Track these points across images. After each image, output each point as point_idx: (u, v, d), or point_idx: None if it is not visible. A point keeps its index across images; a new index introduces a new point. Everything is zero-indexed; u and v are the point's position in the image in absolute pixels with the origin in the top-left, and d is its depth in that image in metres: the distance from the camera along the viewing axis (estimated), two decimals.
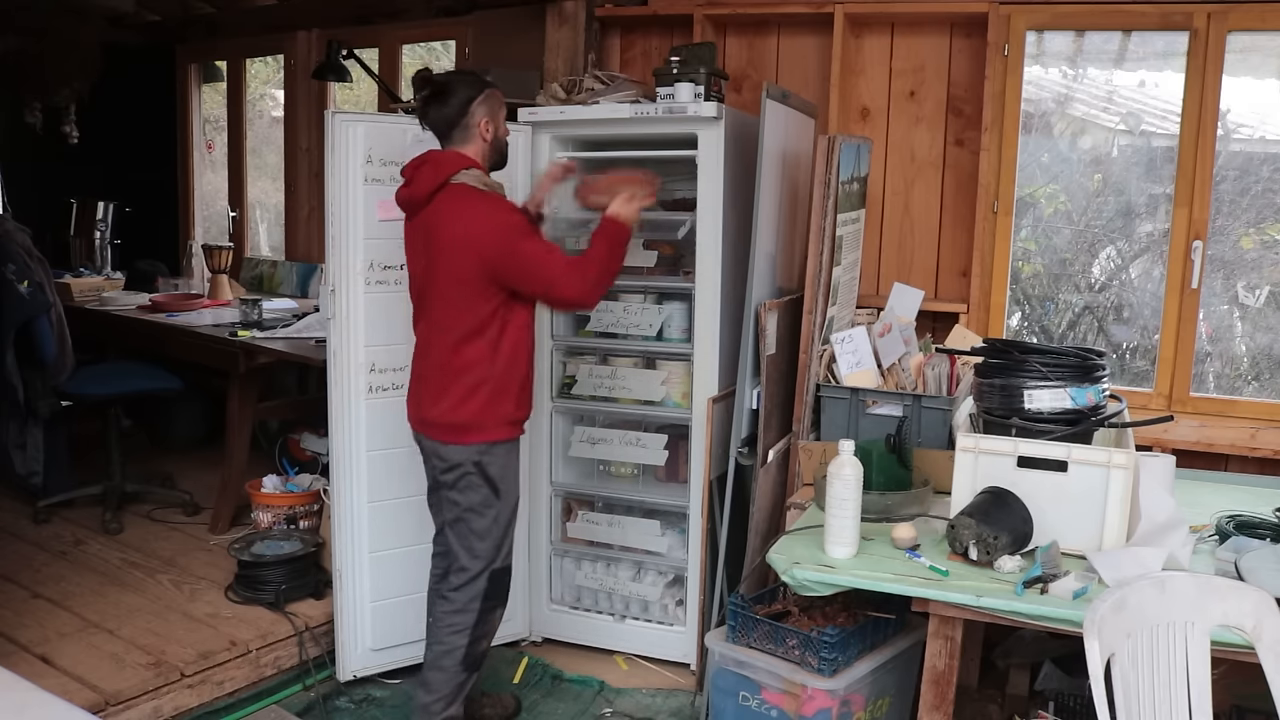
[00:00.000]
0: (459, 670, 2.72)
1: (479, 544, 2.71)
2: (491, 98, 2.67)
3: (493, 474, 2.68)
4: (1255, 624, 1.85)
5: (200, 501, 4.34)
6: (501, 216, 2.59)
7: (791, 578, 2.23)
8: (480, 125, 2.66)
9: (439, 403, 2.66)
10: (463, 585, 2.72)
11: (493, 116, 2.68)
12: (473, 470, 2.67)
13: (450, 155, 2.66)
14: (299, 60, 5.22)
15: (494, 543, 2.72)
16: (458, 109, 2.63)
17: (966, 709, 2.95)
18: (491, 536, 2.71)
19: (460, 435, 2.65)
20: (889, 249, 3.72)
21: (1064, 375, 2.44)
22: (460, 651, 2.71)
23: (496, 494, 2.70)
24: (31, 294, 3.71)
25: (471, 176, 2.64)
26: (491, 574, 2.73)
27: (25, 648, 3.05)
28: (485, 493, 2.69)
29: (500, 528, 2.73)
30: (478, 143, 2.67)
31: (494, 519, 2.71)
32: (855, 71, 3.68)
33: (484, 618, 2.74)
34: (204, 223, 6.15)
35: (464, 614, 2.71)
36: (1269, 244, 3.38)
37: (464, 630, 2.71)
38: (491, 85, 2.70)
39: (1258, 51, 3.29)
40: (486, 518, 2.70)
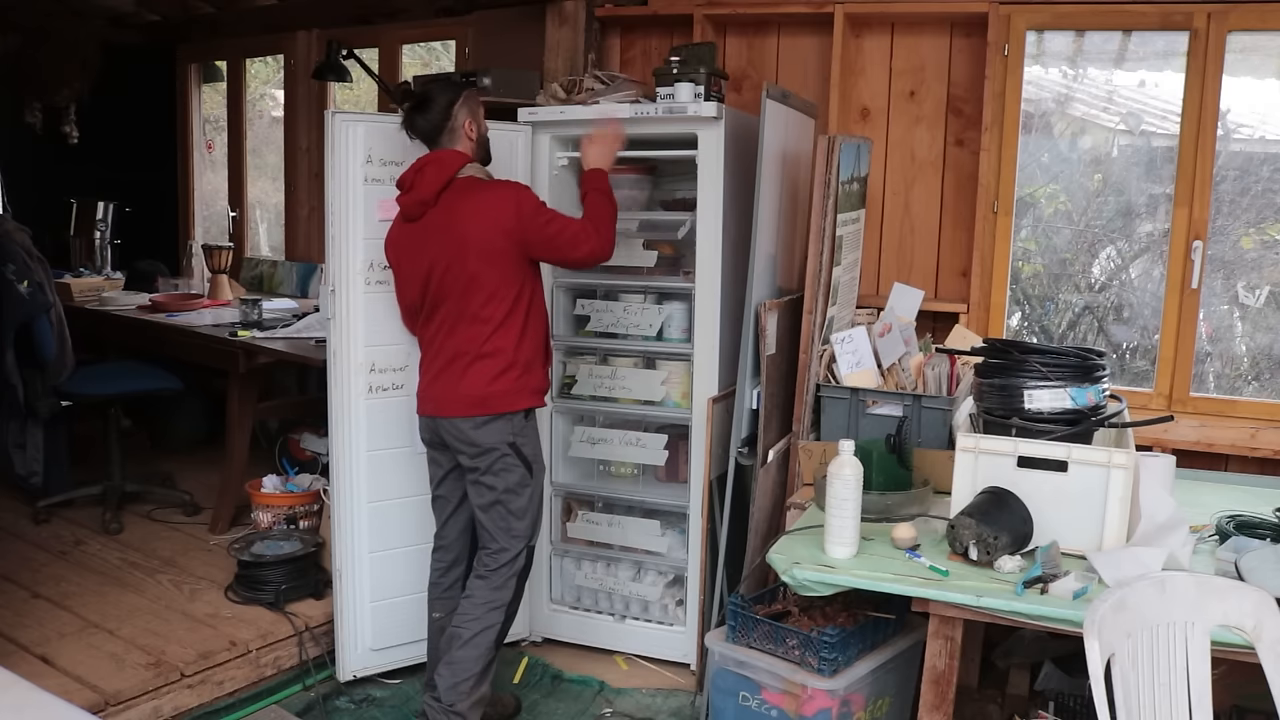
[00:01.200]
0: (491, 648, 2.78)
1: (518, 523, 2.78)
2: (469, 98, 2.77)
3: (526, 453, 2.76)
4: (1255, 624, 1.85)
5: (200, 501, 4.34)
6: (521, 193, 2.73)
7: (791, 578, 2.23)
8: (465, 126, 2.75)
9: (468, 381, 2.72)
10: (501, 566, 2.78)
11: (474, 115, 2.77)
12: (508, 451, 2.73)
13: (450, 153, 2.74)
14: (299, 60, 5.22)
15: (532, 520, 2.81)
16: (441, 114, 2.72)
17: (966, 709, 2.95)
18: (530, 514, 2.79)
19: (496, 405, 2.71)
20: (889, 249, 3.72)
21: (1064, 375, 2.44)
22: (497, 629, 2.78)
23: (530, 471, 2.77)
24: (31, 294, 3.71)
25: (475, 169, 2.76)
26: (529, 549, 2.82)
27: (25, 648, 3.05)
28: (521, 472, 2.76)
29: (536, 504, 2.82)
30: (465, 142, 2.76)
31: (530, 496, 2.79)
32: (855, 71, 3.68)
33: (518, 593, 2.83)
34: (204, 223, 6.15)
35: (502, 590, 2.78)
36: (1269, 244, 3.38)
37: (502, 607, 2.78)
38: (468, 86, 2.82)
39: (1258, 51, 3.29)
40: (523, 496, 2.77)
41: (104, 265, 5.46)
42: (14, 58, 5.25)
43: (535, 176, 3.35)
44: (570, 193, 3.48)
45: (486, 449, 2.73)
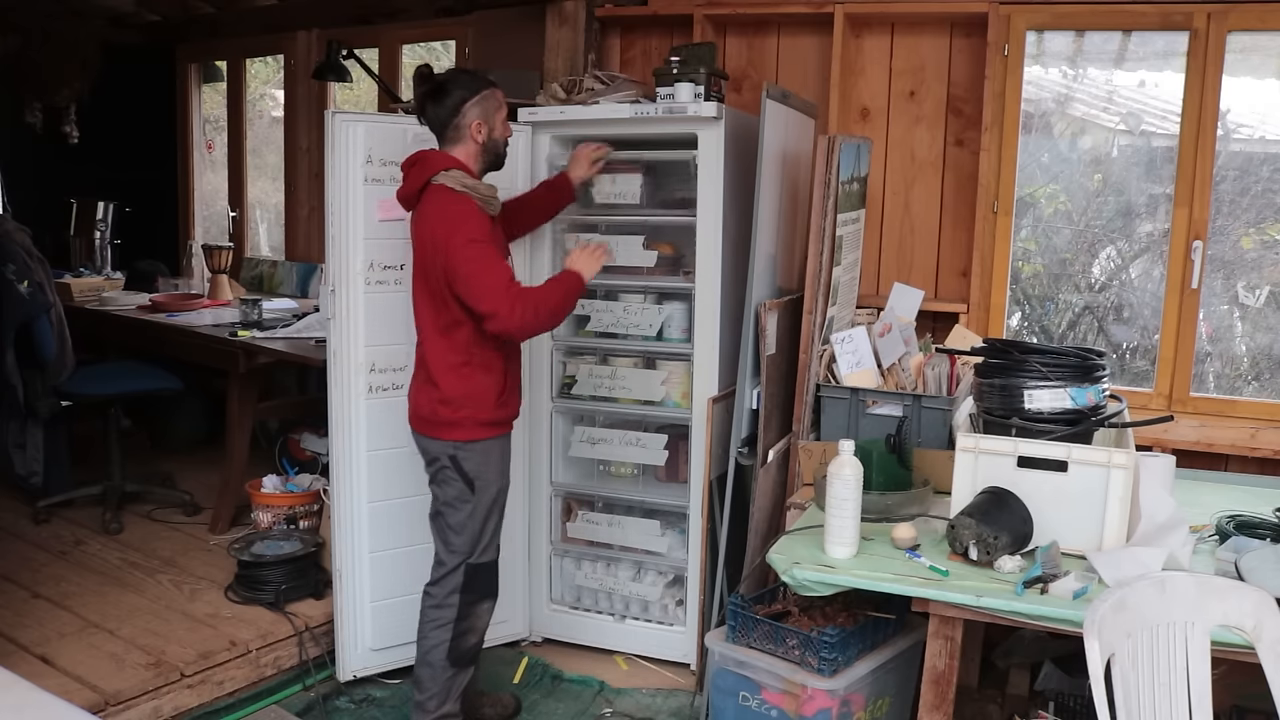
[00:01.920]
0: (446, 666, 2.72)
1: (454, 538, 2.72)
2: (488, 98, 2.66)
3: (467, 469, 2.68)
4: (1255, 624, 1.85)
5: (200, 501, 4.34)
6: (457, 221, 2.55)
7: (791, 578, 2.23)
8: (472, 127, 2.65)
9: (419, 396, 2.72)
10: (440, 579, 2.74)
11: (487, 118, 2.66)
12: (448, 464, 2.68)
13: (435, 156, 2.67)
14: (299, 60, 5.22)
15: (469, 537, 2.71)
16: (450, 110, 2.64)
17: (966, 709, 2.95)
18: (467, 531, 2.71)
19: (436, 430, 2.69)
20: (889, 249, 3.72)
21: (1064, 375, 2.44)
22: (444, 647, 2.71)
23: (471, 489, 2.69)
24: (31, 294, 3.71)
25: (450, 178, 2.62)
26: (468, 568, 2.72)
27: (25, 648, 3.05)
28: (460, 487, 2.69)
29: (476, 523, 2.71)
30: (468, 144, 2.67)
31: (469, 514, 2.70)
32: (855, 71, 3.68)
33: (466, 611, 2.73)
34: (204, 223, 6.15)
35: (444, 609, 2.72)
36: (1269, 244, 3.38)
37: (446, 625, 2.71)
38: (491, 85, 2.69)
39: (1258, 51, 3.29)
40: (462, 512, 2.70)
41: (104, 265, 5.46)
42: (14, 58, 5.25)
43: (535, 176, 3.35)
44: None
45: (432, 457, 2.72)
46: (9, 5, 4.93)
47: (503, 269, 2.58)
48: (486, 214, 2.65)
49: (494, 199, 2.69)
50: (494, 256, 2.59)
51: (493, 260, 2.56)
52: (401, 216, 2.78)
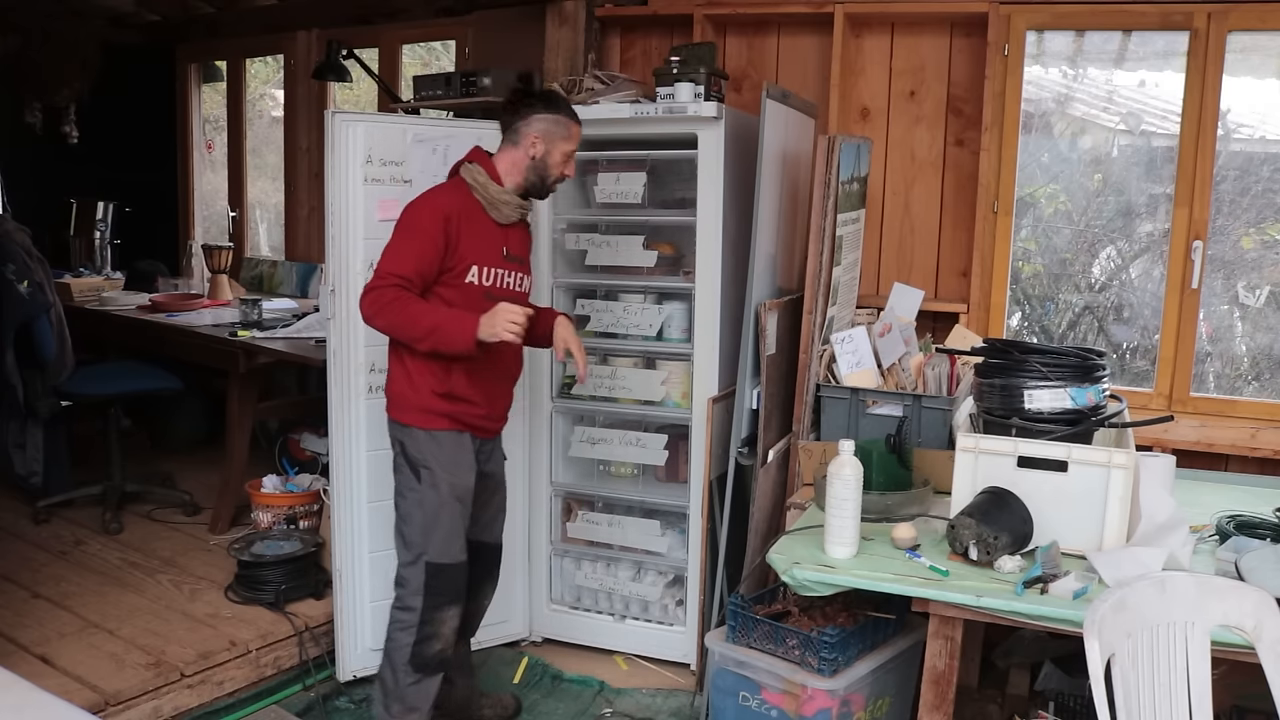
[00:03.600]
0: (409, 670, 2.64)
1: (405, 529, 2.65)
2: (561, 125, 2.62)
3: (411, 454, 2.62)
4: (1255, 624, 1.85)
5: (200, 501, 4.33)
6: (417, 202, 2.57)
7: (791, 578, 2.23)
8: (530, 138, 2.61)
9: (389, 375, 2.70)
10: (403, 577, 2.67)
11: (549, 141, 2.61)
12: (397, 448, 2.66)
13: (477, 152, 2.66)
14: (299, 60, 5.22)
15: (420, 529, 2.63)
16: (520, 113, 2.61)
17: (966, 709, 2.95)
18: (415, 522, 2.63)
19: (390, 410, 2.67)
20: (889, 249, 3.72)
21: (1064, 375, 2.44)
22: (408, 650, 2.63)
23: (417, 477, 2.62)
24: (31, 294, 3.71)
25: (469, 171, 2.62)
26: (429, 566, 2.63)
27: (25, 648, 3.05)
28: (407, 474, 2.64)
29: (426, 515, 2.62)
30: (518, 152, 2.63)
31: (417, 503, 2.63)
32: (855, 71, 3.68)
33: (429, 616, 2.63)
34: (204, 223, 6.15)
35: (408, 611, 2.64)
36: (1269, 244, 3.38)
37: (410, 628, 2.63)
38: (574, 121, 2.66)
39: (1258, 51, 3.29)
40: (409, 500, 2.64)
41: (104, 265, 5.46)
42: (14, 58, 5.25)
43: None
44: (570, 194, 3.48)
45: (390, 440, 2.69)
46: (9, 5, 4.93)
47: (403, 262, 2.48)
48: (490, 218, 2.62)
49: (505, 204, 2.63)
50: (410, 250, 2.50)
51: (404, 250, 2.50)
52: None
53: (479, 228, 2.60)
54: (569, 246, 3.46)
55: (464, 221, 2.56)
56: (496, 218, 2.63)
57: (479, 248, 2.60)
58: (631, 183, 3.34)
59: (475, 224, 2.59)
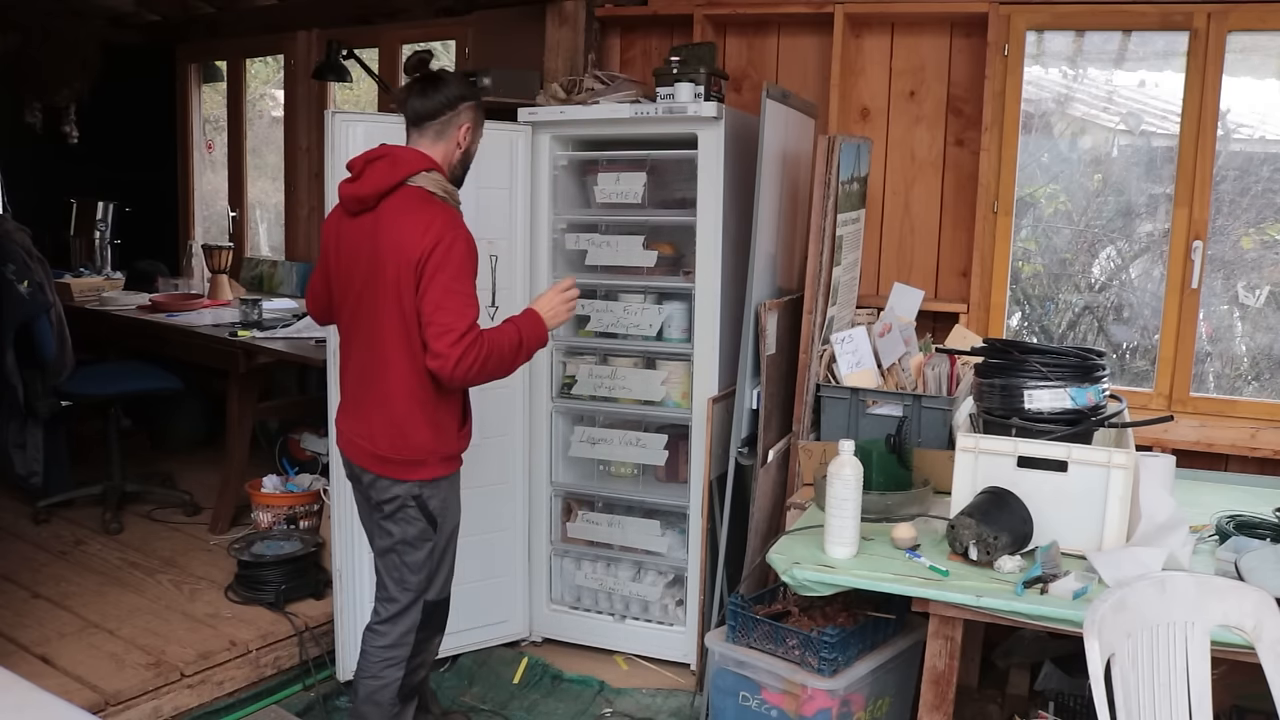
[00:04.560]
0: (395, 702, 2.55)
1: (411, 576, 2.51)
2: (480, 109, 2.48)
3: (433, 508, 2.47)
4: (1255, 624, 1.85)
5: (200, 501, 4.34)
6: (451, 235, 2.29)
7: (791, 578, 2.23)
8: (461, 130, 2.43)
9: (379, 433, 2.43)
10: (392, 617, 2.53)
11: (475, 127, 2.47)
12: (412, 504, 2.46)
13: (409, 153, 2.40)
14: (299, 60, 5.22)
15: (427, 575, 2.52)
16: (445, 103, 2.39)
17: (966, 709, 2.95)
18: (425, 569, 2.52)
19: (400, 470, 2.43)
20: (889, 249, 3.72)
21: (1064, 375, 2.44)
22: (395, 685, 2.53)
23: (434, 527, 2.49)
24: (31, 294, 3.71)
25: (431, 180, 2.38)
26: (425, 604, 2.53)
27: (25, 648, 3.05)
28: (422, 526, 2.48)
29: (435, 560, 2.52)
30: (450, 145, 2.43)
31: (429, 552, 2.51)
32: (855, 71, 3.68)
33: (420, 648, 2.57)
34: (204, 223, 6.15)
35: (398, 647, 2.53)
36: (1269, 244, 3.38)
37: (399, 663, 2.53)
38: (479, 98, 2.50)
39: (1258, 51, 3.29)
40: (422, 551, 2.50)
41: (104, 265, 5.46)
42: (14, 58, 5.25)
43: (535, 176, 3.35)
44: (570, 193, 3.48)
45: (391, 497, 2.46)
46: (9, 4, 4.93)
47: (473, 311, 2.29)
48: None
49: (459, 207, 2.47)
50: (473, 294, 2.32)
51: (471, 298, 2.30)
52: None
53: None
54: (569, 246, 3.46)
55: None
56: None
57: None
58: (631, 183, 3.34)
59: None
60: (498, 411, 3.33)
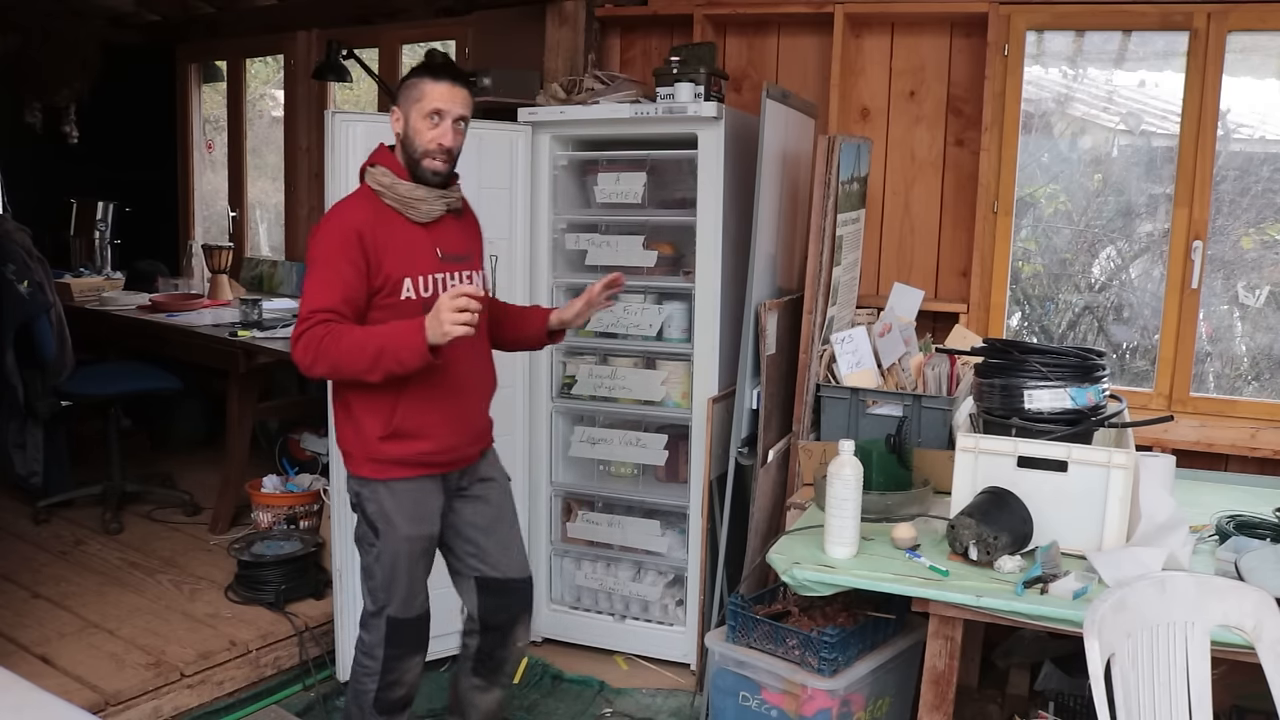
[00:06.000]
0: (372, 712, 2.48)
1: (368, 581, 2.44)
2: (408, 87, 2.30)
3: (369, 511, 2.38)
4: (1255, 624, 1.85)
5: (200, 501, 4.34)
6: (324, 228, 2.26)
7: (791, 578, 2.23)
8: (393, 118, 2.31)
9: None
10: (365, 622, 2.48)
11: (405, 109, 2.29)
12: (354, 499, 2.41)
13: (380, 150, 2.38)
14: (299, 60, 5.22)
15: (381, 584, 2.41)
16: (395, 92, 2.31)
17: (966, 709, 2.95)
18: (376, 577, 2.41)
19: (345, 461, 2.43)
20: (889, 249, 3.72)
21: (1064, 375, 2.44)
22: (370, 695, 2.46)
23: (375, 533, 2.38)
24: (31, 294, 3.71)
25: (376, 175, 2.32)
26: (390, 620, 2.42)
27: (25, 648, 3.05)
28: (364, 528, 2.40)
29: (384, 570, 2.39)
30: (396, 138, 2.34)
31: (375, 558, 2.39)
32: (855, 71, 3.68)
33: (391, 665, 2.44)
34: (204, 223, 6.15)
35: (371, 659, 2.45)
36: (1269, 244, 3.38)
37: (373, 674, 2.45)
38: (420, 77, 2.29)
39: (1258, 51, 3.29)
40: (369, 555, 2.41)
41: (104, 265, 5.46)
42: (14, 58, 5.25)
43: (535, 176, 3.35)
44: (570, 193, 3.48)
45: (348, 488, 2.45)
46: (9, 5, 4.93)
47: (325, 295, 2.18)
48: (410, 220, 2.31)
49: (421, 201, 2.31)
50: (328, 279, 2.20)
51: (322, 281, 2.20)
52: None
53: (399, 236, 2.29)
54: (569, 246, 3.46)
55: (380, 232, 2.26)
56: (416, 218, 2.31)
57: (405, 258, 2.29)
58: (631, 183, 3.34)
59: (393, 232, 2.28)
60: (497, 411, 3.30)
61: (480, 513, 2.53)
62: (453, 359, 2.28)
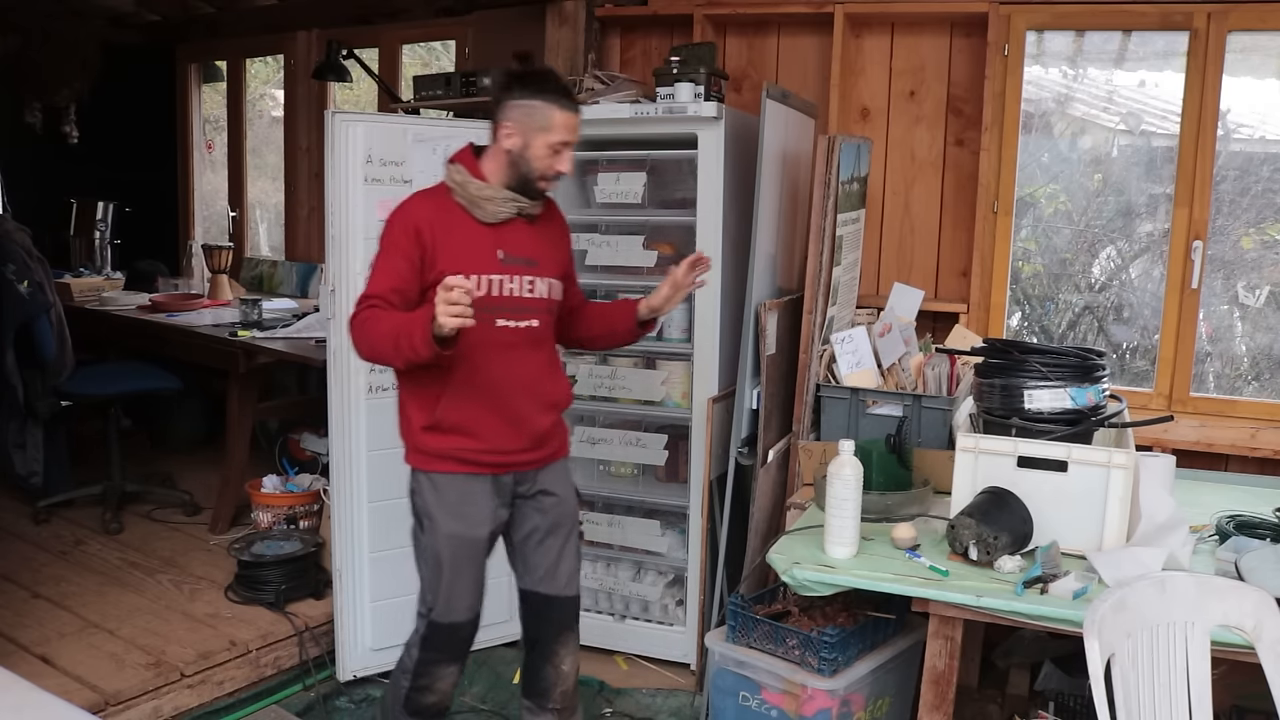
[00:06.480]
0: (401, 711, 2.49)
1: (420, 578, 2.44)
2: (535, 112, 2.26)
3: (416, 504, 2.41)
4: (1255, 624, 1.85)
5: (200, 501, 4.34)
6: (390, 214, 2.32)
7: (791, 578, 2.23)
8: (504, 129, 2.29)
9: None
10: (417, 620, 2.47)
11: (525, 132, 2.27)
12: (409, 492, 2.43)
13: (464, 148, 2.38)
14: (299, 60, 5.22)
15: (427, 583, 2.41)
16: (499, 98, 2.30)
17: (966, 709, 2.95)
18: (423, 574, 2.42)
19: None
20: (889, 249, 3.72)
21: (1064, 375, 2.44)
22: (403, 691, 2.47)
23: (421, 527, 2.41)
24: (31, 294, 3.71)
25: (453, 172, 2.34)
26: (430, 622, 2.42)
27: (25, 648, 3.05)
28: (414, 521, 2.43)
29: (428, 568, 2.40)
30: (496, 147, 2.32)
31: (421, 554, 2.42)
32: (855, 71, 3.68)
33: (423, 670, 2.44)
34: (204, 223, 6.15)
35: (408, 657, 2.47)
36: (1269, 244, 3.38)
37: (407, 671, 2.46)
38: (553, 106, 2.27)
39: (1258, 51, 3.29)
40: (417, 550, 2.44)
41: (104, 265, 5.46)
42: (14, 58, 5.25)
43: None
44: (570, 193, 3.48)
45: None
46: (9, 5, 4.93)
47: (377, 282, 2.25)
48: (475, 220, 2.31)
49: (489, 202, 2.31)
50: (383, 267, 2.27)
51: (378, 269, 2.27)
52: None
53: (461, 233, 2.30)
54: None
55: (440, 228, 2.28)
56: (482, 217, 2.32)
57: (462, 254, 2.29)
58: (631, 183, 3.34)
59: (456, 229, 2.30)
60: None
61: (533, 523, 2.50)
62: (493, 359, 2.32)
